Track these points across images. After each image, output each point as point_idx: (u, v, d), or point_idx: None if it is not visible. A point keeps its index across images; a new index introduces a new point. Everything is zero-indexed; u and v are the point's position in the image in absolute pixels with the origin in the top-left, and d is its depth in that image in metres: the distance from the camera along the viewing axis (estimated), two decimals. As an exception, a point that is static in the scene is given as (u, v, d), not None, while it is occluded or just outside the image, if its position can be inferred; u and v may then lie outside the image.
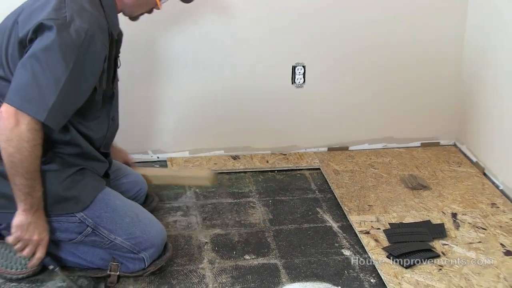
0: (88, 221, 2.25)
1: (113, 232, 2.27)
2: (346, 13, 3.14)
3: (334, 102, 3.31)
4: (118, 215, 2.29)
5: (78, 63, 2.08)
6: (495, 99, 3.01)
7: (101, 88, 2.27)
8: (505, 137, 2.93)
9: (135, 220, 2.33)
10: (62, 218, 2.25)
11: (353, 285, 2.36)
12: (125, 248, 2.30)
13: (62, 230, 2.28)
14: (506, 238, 2.59)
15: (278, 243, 2.61)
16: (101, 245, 2.30)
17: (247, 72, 3.19)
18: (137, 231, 2.31)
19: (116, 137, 2.52)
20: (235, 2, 3.06)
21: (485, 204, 2.85)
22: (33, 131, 2.05)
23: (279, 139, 3.35)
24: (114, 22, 2.30)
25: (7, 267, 2.35)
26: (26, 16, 2.14)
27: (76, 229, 2.27)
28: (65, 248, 2.36)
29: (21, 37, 2.11)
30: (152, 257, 2.35)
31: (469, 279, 2.35)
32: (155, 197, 2.87)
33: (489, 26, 3.03)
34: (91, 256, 2.35)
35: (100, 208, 2.27)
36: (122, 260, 2.33)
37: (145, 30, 2.99)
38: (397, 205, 2.85)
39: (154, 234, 2.34)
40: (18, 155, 2.05)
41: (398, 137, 3.41)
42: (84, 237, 2.27)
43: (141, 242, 2.31)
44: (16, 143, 2.04)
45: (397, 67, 3.28)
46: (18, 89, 2.05)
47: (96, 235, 2.27)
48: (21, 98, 2.04)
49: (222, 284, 2.36)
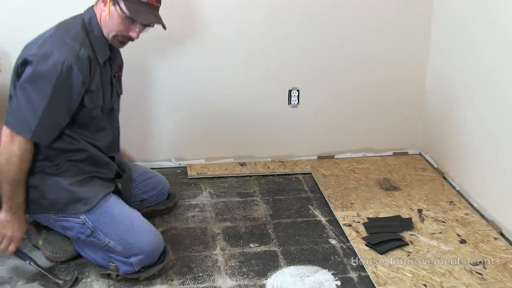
0: (88, 224, 2.22)
1: (107, 236, 2.21)
2: (333, 51, 3.14)
3: (323, 119, 3.29)
4: (115, 222, 2.22)
5: (57, 90, 2.06)
6: (452, 118, 2.99)
7: (97, 105, 2.24)
8: (461, 148, 2.92)
9: (130, 228, 2.23)
10: (71, 218, 2.23)
11: (338, 268, 2.36)
12: (117, 251, 2.21)
13: (70, 229, 2.26)
14: (461, 229, 2.59)
15: (277, 234, 2.61)
16: (98, 246, 2.24)
17: (252, 95, 3.18)
18: (129, 238, 2.21)
19: (148, 147, 2.50)
20: (243, 38, 3.07)
21: (445, 202, 2.85)
22: (23, 148, 2.09)
23: (278, 149, 3.33)
24: (101, 51, 2.23)
25: (53, 252, 2.36)
26: (22, 51, 2.17)
27: (79, 229, 2.24)
28: (77, 245, 2.35)
29: (15, 69, 2.15)
30: (140, 263, 2.22)
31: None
32: (176, 195, 2.84)
33: (448, 59, 3.03)
34: (94, 255, 2.30)
35: (100, 214, 2.23)
36: (116, 262, 2.24)
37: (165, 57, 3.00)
38: (374, 203, 2.84)
39: (145, 242, 2.22)
40: (7, 165, 2.09)
41: (374, 148, 3.40)
42: (86, 237, 2.24)
43: (131, 248, 2.20)
44: (7, 156, 2.08)
45: (374, 92, 3.27)
46: (12, 113, 2.09)
47: (94, 237, 2.22)
48: (14, 120, 2.08)
49: (232, 267, 2.36)
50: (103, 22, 2.21)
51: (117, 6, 2.14)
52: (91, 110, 2.22)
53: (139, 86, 3.06)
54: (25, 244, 2.47)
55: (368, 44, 3.17)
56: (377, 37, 3.18)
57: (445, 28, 3.05)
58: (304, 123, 3.28)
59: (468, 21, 2.81)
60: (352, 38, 3.15)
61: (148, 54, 3.03)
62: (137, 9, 2.16)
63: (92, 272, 2.31)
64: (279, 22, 3.07)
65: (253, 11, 3.03)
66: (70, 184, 2.22)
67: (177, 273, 2.32)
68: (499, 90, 2.55)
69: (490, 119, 2.64)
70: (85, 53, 2.12)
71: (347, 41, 3.15)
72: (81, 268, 2.33)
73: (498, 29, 2.54)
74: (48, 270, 2.27)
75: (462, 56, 2.87)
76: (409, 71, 3.27)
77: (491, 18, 2.59)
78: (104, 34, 2.23)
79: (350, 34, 3.14)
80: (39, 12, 2.75)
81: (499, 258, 2.38)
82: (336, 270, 2.35)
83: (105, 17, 2.19)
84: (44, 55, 2.06)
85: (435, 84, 3.19)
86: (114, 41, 2.25)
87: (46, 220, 2.31)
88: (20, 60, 2.12)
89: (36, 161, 2.21)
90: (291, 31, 3.09)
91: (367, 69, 3.21)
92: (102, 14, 2.20)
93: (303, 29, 3.10)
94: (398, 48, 3.21)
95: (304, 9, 3.06)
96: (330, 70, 3.19)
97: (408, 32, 3.19)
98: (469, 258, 2.38)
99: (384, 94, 3.29)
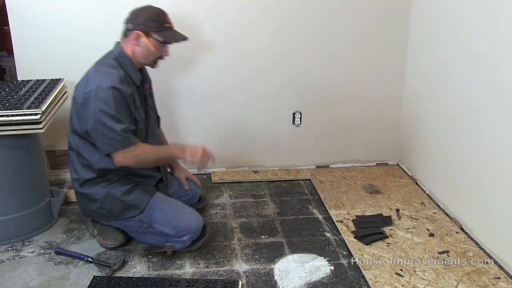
0: (144, 220, 2.24)
1: (162, 225, 2.23)
2: (327, 84, 3.14)
3: (320, 136, 3.29)
4: (165, 214, 2.24)
5: (118, 106, 2.08)
6: (422, 136, 2.99)
7: (142, 118, 2.26)
8: (430, 160, 2.92)
9: (177, 215, 2.25)
10: (128, 220, 2.25)
11: (332, 255, 2.36)
12: (171, 235, 2.24)
13: (130, 226, 2.28)
14: (430, 225, 2.59)
15: (283, 228, 2.60)
16: (156, 233, 2.26)
17: (264, 117, 3.19)
18: (179, 223, 2.23)
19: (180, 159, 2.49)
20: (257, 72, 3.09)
21: (417, 203, 2.83)
22: (130, 155, 2.12)
23: (284, 160, 3.32)
24: (134, 75, 2.24)
25: (105, 239, 2.39)
26: (75, 91, 2.18)
27: (138, 226, 2.26)
28: (138, 236, 2.36)
29: (76, 108, 2.17)
30: (191, 239, 2.25)
31: (406, 251, 2.35)
32: (206, 198, 2.84)
33: (418, 92, 3.02)
34: (152, 239, 2.32)
35: (151, 211, 2.24)
36: (172, 242, 2.27)
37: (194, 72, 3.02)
38: (361, 204, 2.83)
39: (191, 224, 2.24)
40: (139, 164, 2.16)
41: (361, 159, 3.39)
42: (144, 229, 2.27)
43: (182, 230, 2.23)
44: (132, 162, 2.14)
45: (362, 116, 3.26)
46: (101, 144, 2.11)
47: (152, 228, 2.25)
48: (106, 146, 2.11)
49: (246, 254, 2.37)
50: (139, 53, 2.23)
51: (151, 38, 2.20)
52: (139, 123, 2.23)
53: (177, 113, 3.08)
54: (84, 232, 2.52)
55: (353, 81, 3.16)
56: (361, 77, 3.17)
57: (420, 53, 3.05)
58: (305, 139, 3.28)
59: (440, 46, 2.79)
60: (345, 76, 3.15)
61: (176, 81, 3.06)
62: (165, 34, 2.23)
63: (136, 257, 2.33)
64: (285, 67, 3.09)
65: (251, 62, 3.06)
66: (121, 195, 2.23)
67: (203, 258, 2.33)
68: (460, 114, 2.56)
69: (455, 137, 2.63)
70: (122, 75, 2.14)
71: (341, 78, 3.15)
72: (127, 254, 2.35)
73: (467, 51, 2.52)
74: (100, 260, 2.29)
75: (433, 85, 2.87)
76: (389, 101, 3.27)
77: (460, 40, 2.58)
78: (134, 62, 2.24)
79: (345, 72, 3.14)
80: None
81: (460, 248, 2.38)
82: (330, 257, 2.35)
83: (144, 48, 2.21)
84: (97, 88, 2.07)
85: (410, 109, 3.19)
86: (153, 64, 2.29)
87: (107, 221, 2.33)
88: (80, 99, 2.13)
89: (92, 179, 2.24)
90: (297, 71, 3.10)
91: (356, 98, 3.20)
92: (136, 48, 2.22)
93: (304, 70, 3.11)
94: (375, 87, 3.21)
95: (304, 53, 3.07)
96: (326, 98, 3.20)
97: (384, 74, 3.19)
98: (436, 248, 2.37)
99: (369, 118, 3.29)
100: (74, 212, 2.75)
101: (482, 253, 2.33)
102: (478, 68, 2.37)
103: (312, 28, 3.04)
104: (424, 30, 2.94)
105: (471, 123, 2.46)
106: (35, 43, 2.86)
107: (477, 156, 2.41)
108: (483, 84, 2.33)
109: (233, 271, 2.24)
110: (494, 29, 2.23)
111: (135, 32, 2.20)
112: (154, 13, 2.22)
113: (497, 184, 2.27)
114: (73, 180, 2.31)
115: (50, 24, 2.84)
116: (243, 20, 2.98)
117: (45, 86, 2.63)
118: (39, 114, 2.27)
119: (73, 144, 2.26)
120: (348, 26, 3.06)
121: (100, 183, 2.25)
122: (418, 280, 2.13)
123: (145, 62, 2.28)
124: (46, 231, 2.55)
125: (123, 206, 2.24)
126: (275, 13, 2.99)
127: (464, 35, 2.48)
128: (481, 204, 2.40)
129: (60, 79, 2.77)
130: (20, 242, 2.44)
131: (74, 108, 2.20)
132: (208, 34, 2.97)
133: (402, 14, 3.08)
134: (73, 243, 2.44)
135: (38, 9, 2.82)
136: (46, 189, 2.60)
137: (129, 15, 2.24)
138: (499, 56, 2.20)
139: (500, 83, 2.20)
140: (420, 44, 2.99)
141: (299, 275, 2.21)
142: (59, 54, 2.89)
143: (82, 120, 2.16)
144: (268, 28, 3.01)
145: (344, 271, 2.24)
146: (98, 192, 2.24)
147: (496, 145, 2.26)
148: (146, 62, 2.29)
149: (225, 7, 2.94)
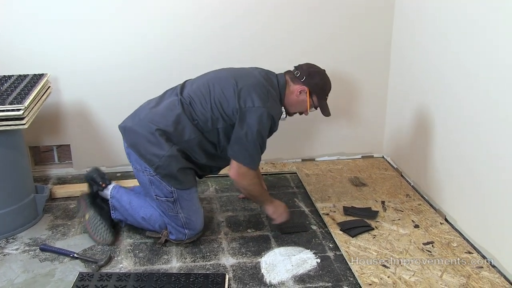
0: (175, 194, 2.28)
1: (182, 208, 2.30)
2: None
3: (306, 130, 3.29)
4: (191, 203, 2.33)
5: (267, 135, 2.32)
6: (407, 129, 3.00)
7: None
8: (414, 152, 2.93)
9: (196, 211, 2.36)
10: (166, 184, 2.26)
11: (318, 248, 2.37)
12: (180, 221, 2.32)
13: (160, 189, 2.28)
14: (415, 217, 2.61)
15: (269, 221, 2.58)
16: (169, 210, 2.31)
17: None
18: (193, 217, 2.34)
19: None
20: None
21: (402, 195, 2.85)
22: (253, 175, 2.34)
23: (270, 153, 3.17)
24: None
25: (94, 232, 2.38)
26: (245, 93, 2.28)
27: (166, 193, 2.28)
28: (150, 206, 2.37)
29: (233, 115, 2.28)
30: (190, 236, 2.37)
31: (392, 243, 2.36)
32: None
33: (403, 90, 3.05)
34: (154, 223, 2.36)
35: (185, 193, 2.30)
36: (172, 230, 2.34)
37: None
38: (346, 196, 2.84)
39: (200, 223, 2.39)
40: (245, 186, 2.37)
41: (347, 152, 3.40)
42: (166, 200, 2.29)
43: (192, 223, 2.34)
44: (243, 181, 2.35)
45: (347, 110, 3.26)
46: (240, 150, 2.30)
47: (172, 203, 2.29)
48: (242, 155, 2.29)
49: (233, 248, 2.37)
50: (292, 101, 2.42)
51: (311, 99, 2.42)
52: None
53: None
54: (69, 229, 2.50)
55: (338, 74, 3.16)
56: (346, 70, 3.18)
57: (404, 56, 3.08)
58: (291, 133, 3.27)
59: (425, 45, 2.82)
60: (330, 70, 3.09)
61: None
62: (322, 103, 2.45)
63: (122, 252, 2.32)
64: (269, 60, 3.09)
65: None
66: (178, 170, 2.25)
67: (190, 253, 2.33)
68: (444, 106, 2.58)
69: (439, 129, 2.65)
70: (281, 113, 2.39)
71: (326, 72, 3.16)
72: (113, 249, 2.34)
73: (449, 49, 2.56)
74: (86, 256, 2.28)
75: (417, 78, 2.88)
76: (374, 94, 3.28)
77: (443, 34, 2.60)
78: (282, 99, 2.40)
79: (330, 66, 3.07)
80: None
81: (444, 239, 2.40)
82: (317, 250, 2.35)
83: (300, 101, 2.42)
84: (264, 112, 2.24)
85: (394, 102, 3.21)
86: (288, 114, 2.50)
87: (141, 169, 2.30)
88: (244, 103, 2.25)
89: (174, 144, 2.26)
90: (283, 65, 3.06)
91: (341, 91, 3.19)
92: (294, 96, 2.41)
93: (289, 63, 3.07)
94: (361, 80, 3.22)
95: (287, 47, 3.07)
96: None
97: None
98: (421, 239, 2.39)
99: (355, 111, 3.30)
100: (59, 208, 2.72)
101: (465, 243, 2.36)
102: (461, 62, 2.39)
103: (296, 23, 3.04)
104: (408, 23, 2.95)
105: (454, 116, 2.48)
106: (16, 38, 2.82)
107: (460, 147, 2.44)
108: (464, 76, 2.35)
109: (220, 265, 2.24)
110: (478, 25, 2.25)
111: (304, 87, 2.39)
112: (326, 83, 2.46)
113: (479, 174, 2.29)
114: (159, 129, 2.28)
115: (31, 18, 2.81)
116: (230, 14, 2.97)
117: (27, 82, 2.59)
118: (22, 110, 2.25)
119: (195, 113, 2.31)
120: (331, 19, 3.07)
121: (175, 151, 2.25)
122: (404, 271, 2.15)
123: (288, 109, 2.46)
124: (30, 227, 2.53)
125: (173, 175, 2.26)
126: (255, 11, 3.00)
127: (446, 28, 2.50)
128: (464, 194, 2.43)
129: (43, 74, 2.73)
130: (4, 240, 2.42)
131: (236, 95, 2.28)
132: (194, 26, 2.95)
133: (387, 8, 3.10)
134: (58, 239, 2.42)
135: (18, 4, 2.78)
136: (30, 186, 2.58)
137: (306, 69, 2.43)
138: (481, 50, 2.22)
139: (481, 75, 2.22)
140: (405, 38, 3.00)
141: (286, 268, 2.22)
142: (42, 49, 2.85)
143: (234, 117, 2.28)
144: (250, 24, 3.01)
145: (330, 263, 2.25)
146: (169, 149, 2.24)
147: (477, 135, 2.28)
148: (288, 109, 2.47)
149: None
